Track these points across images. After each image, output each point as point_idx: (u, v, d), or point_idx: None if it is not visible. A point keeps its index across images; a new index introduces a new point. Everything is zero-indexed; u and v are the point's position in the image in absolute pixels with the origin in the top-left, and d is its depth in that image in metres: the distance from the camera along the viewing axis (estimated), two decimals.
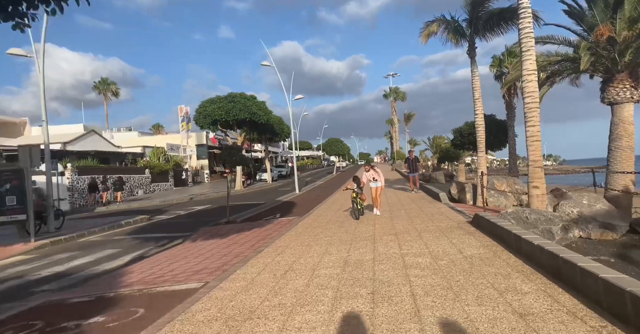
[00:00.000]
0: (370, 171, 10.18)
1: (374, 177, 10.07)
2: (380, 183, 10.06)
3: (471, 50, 11.08)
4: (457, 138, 28.55)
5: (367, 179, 10.07)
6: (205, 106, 26.64)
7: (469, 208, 10.37)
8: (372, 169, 10.25)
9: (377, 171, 10.20)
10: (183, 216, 15.30)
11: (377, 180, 10.07)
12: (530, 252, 4.64)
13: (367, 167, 10.58)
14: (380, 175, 10.14)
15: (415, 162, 15.72)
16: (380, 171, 10.28)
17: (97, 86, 51.97)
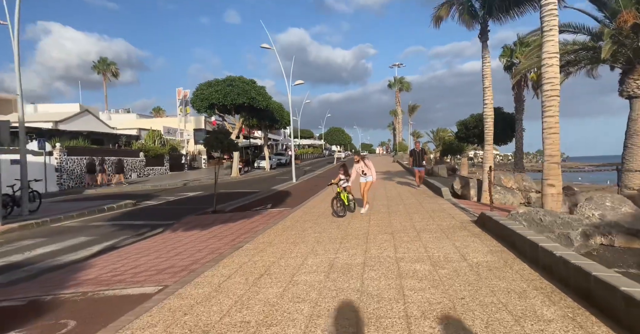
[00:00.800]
0: (360, 163, 8.89)
1: (363, 171, 8.86)
2: (371, 177, 8.86)
3: (483, 34, 10.16)
4: (462, 131, 27.58)
5: (356, 172, 8.89)
6: (202, 89, 25.70)
7: (473, 206, 9.60)
8: (362, 161, 8.92)
9: (367, 164, 8.89)
10: (171, 203, 14.60)
11: (368, 174, 8.88)
12: (550, 264, 3.88)
13: (357, 157, 9.15)
14: (371, 168, 8.86)
15: (421, 155, 13.68)
16: (371, 164, 8.95)
17: (96, 66, 50.91)
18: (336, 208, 8.45)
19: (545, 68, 6.70)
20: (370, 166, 8.88)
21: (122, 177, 22.91)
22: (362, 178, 8.97)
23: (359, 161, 8.93)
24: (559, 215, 5.64)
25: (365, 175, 8.91)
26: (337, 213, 8.41)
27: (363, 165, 8.86)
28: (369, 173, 8.85)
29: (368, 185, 8.95)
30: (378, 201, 10.99)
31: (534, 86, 21.05)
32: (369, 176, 8.87)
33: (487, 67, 10.25)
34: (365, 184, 8.92)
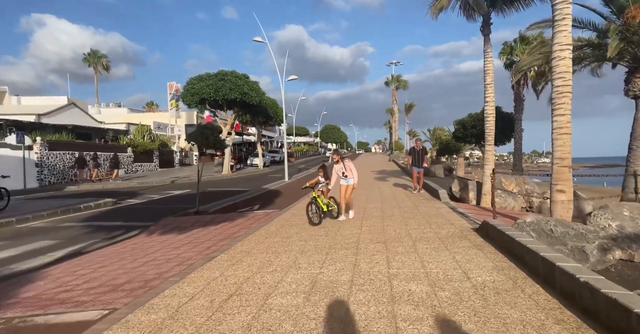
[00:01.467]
0: (339, 163, 7.82)
1: (343, 172, 7.80)
2: (352, 180, 7.79)
3: (485, 27, 9.51)
4: (459, 131, 27.07)
5: (336, 174, 7.82)
6: (193, 83, 24.88)
7: (473, 210, 8.99)
8: (342, 161, 7.81)
9: (347, 165, 7.82)
10: (154, 202, 13.87)
11: (349, 176, 7.80)
12: (571, 290, 3.25)
13: (336, 157, 7.98)
14: (352, 170, 7.79)
15: (422, 154, 12.07)
16: (352, 165, 7.86)
17: (87, 59, 49.71)
18: (311, 215, 7.51)
19: (556, 62, 6.07)
20: (351, 167, 7.80)
21: (117, 173, 22.45)
22: (343, 180, 7.89)
23: (339, 161, 7.85)
24: (572, 225, 5.04)
25: (346, 178, 7.84)
26: (312, 220, 7.45)
27: (342, 166, 7.82)
28: (350, 175, 7.79)
29: (349, 190, 7.84)
30: (372, 203, 10.35)
31: (534, 85, 20.51)
32: (350, 178, 7.79)
33: (489, 63, 9.62)
34: (345, 188, 7.84)
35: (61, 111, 25.81)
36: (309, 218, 7.58)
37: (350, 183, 7.84)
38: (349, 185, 7.86)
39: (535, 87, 20.47)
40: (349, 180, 7.83)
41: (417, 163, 12.12)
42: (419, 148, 12.27)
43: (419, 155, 12.04)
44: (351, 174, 7.78)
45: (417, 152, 12.12)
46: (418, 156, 12.05)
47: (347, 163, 7.84)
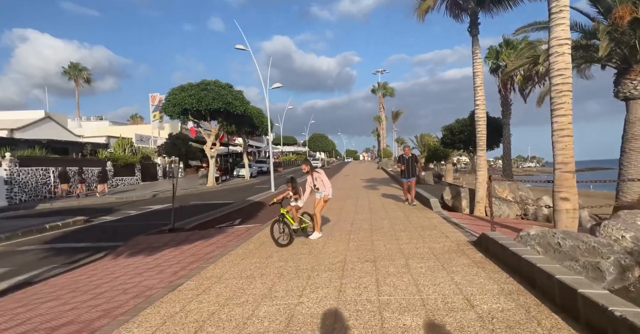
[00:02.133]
0: (310, 175, 6.82)
1: (315, 184, 6.83)
2: (324, 192, 6.79)
3: (473, 27, 9.11)
4: (448, 137, 26.78)
5: (309, 187, 6.82)
6: (174, 94, 24.14)
7: (467, 220, 8.43)
8: (313, 172, 6.83)
9: (318, 176, 6.80)
10: (130, 218, 13.03)
11: (321, 189, 6.81)
12: (603, 325, 2.65)
13: (305, 167, 6.92)
14: (324, 182, 6.79)
15: (412, 163, 10.76)
16: (325, 177, 6.86)
17: (67, 72, 48.53)
18: (277, 235, 6.53)
19: (554, 58, 5.60)
20: (323, 179, 6.79)
21: (105, 187, 21.78)
22: (318, 194, 6.88)
23: (309, 172, 6.83)
24: (582, 237, 4.49)
25: (318, 190, 6.82)
26: (279, 242, 6.47)
27: (312, 178, 6.78)
28: (322, 187, 6.80)
29: (320, 204, 6.80)
30: (360, 214, 9.74)
31: (520, 89, 20.33)
32: (322, 191, 6.80)
33: (477, 64, 9.18)
34: (317, 201, 6.83)
35: (36, 125, 24.76)
36: (274, 240, 6.51)
37: (322, 196, 6.79)
38: (320, 199, 6.84)
39: (522, 91, 20.28)
40: (321, 192, 6.82)
41: (409, 174, 10.77)
42: (408, 155, 10.88)
43: (409, 165, 10.70)
44: (323, 187, 6.79)
45: (407, 161, 10.75)
46: (409, 165, 10.69)
47: (318, 173, 6.80)
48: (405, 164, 10.75)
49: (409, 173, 10.76)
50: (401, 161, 10.96)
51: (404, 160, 10.82)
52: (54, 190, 20.22)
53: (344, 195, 15.59)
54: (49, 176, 19.84)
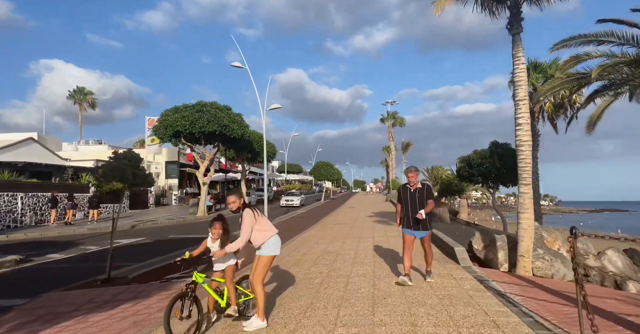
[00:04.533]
0: (249, 212, 4.01)
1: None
2: (264, 249, 4.07)
3: (515, 22, 6.97)
4: (464, 169, 24.27)
5: (248, 227, 3.95)
6: (167, 115, 22.45)
7: (514, 285, 5.85)
8: (251, 209, 4.05)
9: (257, 216, 4.02)
10: (80, 258, 10.66)
11: (257, 240, 4.06)
12: None
13: (235, 200, 4.05)
14: (264, 228, 4.08)
15: (422, 200, 5.73)
16: (265, 219, 4.18)
17: (72, 95, 48.00)
18: (180, 318, 3.70)
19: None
20: (263, 223, 4.08)
21: (96, 213, 19.95)
22: (257, 250, 4.14)
23: (240, 209, 4.05)
24: None
25: (251, 243, 4.12)
26: None
27: (255, 216, 4.01)
28: (259, 237, 4.04)
29: (261, 269, 4.03)
30: (361, 266, 7.23)
31: (550, 118, 18.03)
32: (260, 243, 4.04)
33: (520, 71, 6.97)
34: (255, 265, 4.10)
35: (17, 147, 23.04)
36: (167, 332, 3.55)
37: (261, 253, 4.04)
38: (259, 257, 4.05)
39: (553, 120, 17.98)
40: (262, 248, 4.04)
41: (417, 222, 5.68)
42: (415, 186, 5.79)
43: (416, 202, 5.69)
44: (263, 235, 4.03)
45: (413, 196, 5.75)
46: (415, 203, 5.70)
47: (253, 214, 3.96)
48: (408, 203, 5.73)
49: (417, 221, 5.65)
50: (402, 197, 5.87)
51: (408, 195, 5.78)
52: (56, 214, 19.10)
53: (344, 232, 13.09)
54: (16, 203, 17.73)
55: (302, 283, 6.12)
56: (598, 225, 61.16)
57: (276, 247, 4.13)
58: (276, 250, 4.13)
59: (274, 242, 4.11)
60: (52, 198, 18.94)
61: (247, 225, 3.93)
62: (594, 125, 11.17)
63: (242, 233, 3.93)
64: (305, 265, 7.76)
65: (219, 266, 4.17)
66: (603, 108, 11.11)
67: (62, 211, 20.46)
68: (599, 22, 10.99)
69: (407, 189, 5.88)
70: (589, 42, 11.01)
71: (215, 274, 4.21)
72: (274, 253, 4.11)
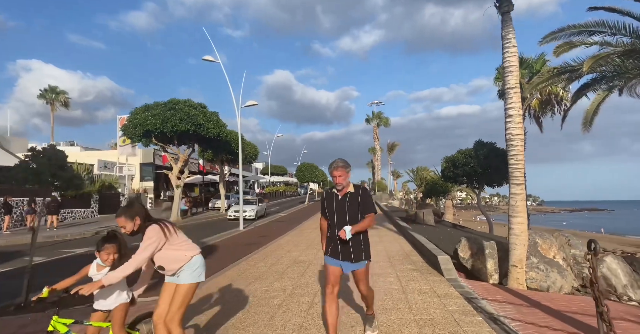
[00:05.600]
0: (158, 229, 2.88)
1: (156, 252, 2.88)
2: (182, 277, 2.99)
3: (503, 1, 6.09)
4: (449, 169, 23.59)
5: (148, 250, 2.81)
6: (137, 113, 21.11)
7: (508, 303, 4.93)
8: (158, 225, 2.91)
9: (149, 235, 2.86)
10: (13, 274, 9.33)
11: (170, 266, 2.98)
12: None
13: (125, 222, 2.87)
14: (139, 251, 2.83)
15: (354, 205, 3.52)
16: (182, 235, 3.10)
17: (43, 95, 45.80)
18: None
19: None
20: (180, 240, 3.01)
21: (55, 219, 18.33)
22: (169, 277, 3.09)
23: (138, 231, 2.92)
24: None
25: (163, 269, 2.99)
26: None
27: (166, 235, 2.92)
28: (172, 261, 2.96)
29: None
30: None
31: (536, 115, 17.43)
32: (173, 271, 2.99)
33: (511, 55, 6.13)
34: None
35: None
36: None
37: (180, 281, 2.97)
38: (177, 288, 2.98)
39: (538, 118, 17.38)
40: (177, 275, 3.00)
41: (344, 246, 3.52)
42: (343, 189, 3.57)
43: (345, 212, 3.54)
44: (177, 257, 2.97)
45: (341, 203, 3.57)
46: (343, 214, 3.55)
47: (149, 231, 2.86)
48: (334, 216, 3.60)
49: (344, 246, 3.52)
50: (326, 207, 3.68)
51: (334, 205, 3.60)
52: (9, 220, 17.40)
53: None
54: None
55: (257, 305, 5.10)
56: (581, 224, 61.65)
57: (200, 271, 3.10)
58: (200, 276, 3.09)
59: (197, 265, 3.06)
60: (4, 203, 17.45)
61: (148, 245, 2.80)
62: (591, 121, 10.47)
63: (136, 255, 2.80)
64: (269, 279, 6.74)
65: (103, 305, 2.98)
66: (598, 103, 10.42)
67: (20, 218, 18.95)
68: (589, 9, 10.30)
69: (332, 196, 3.60)
70: (579, 33, 10.30)
71: (94, 316, 2.99)
72: (198, 280, 3.06)
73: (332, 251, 3.60)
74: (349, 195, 3.56)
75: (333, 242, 3.60)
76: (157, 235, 2.85)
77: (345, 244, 3.49)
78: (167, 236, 2.91)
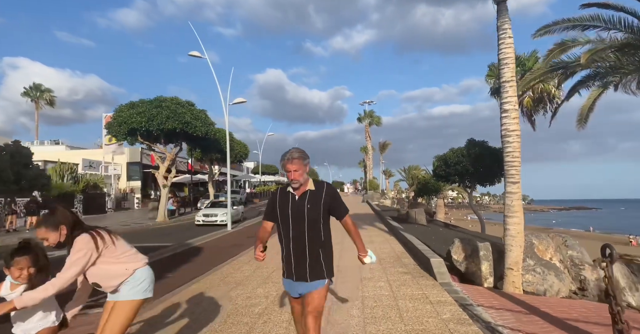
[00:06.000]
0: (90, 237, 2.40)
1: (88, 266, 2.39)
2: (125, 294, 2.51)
3: None
4: (441, 168, 23.38)
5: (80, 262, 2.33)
6: (121, 110, 20.52)
7: (506, 310, 4.61)
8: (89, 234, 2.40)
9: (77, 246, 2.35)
10: None
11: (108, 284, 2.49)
12: None
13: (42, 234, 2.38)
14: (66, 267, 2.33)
15: (315, 207, 2.69)
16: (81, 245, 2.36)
17: (27, 92, 44.68)
18: None
19: None
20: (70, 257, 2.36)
21: (35, 220, 17.55)
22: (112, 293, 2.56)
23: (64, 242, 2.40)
24: None
25: (101, 287, 2.51)
26: None
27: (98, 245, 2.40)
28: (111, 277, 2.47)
29: None
30: None
31: (528, 114, 17.24)
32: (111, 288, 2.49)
33: (507, 46, 5.81)
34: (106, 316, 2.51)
35: None
36: None
37: (119, 297, 2.49)
38: (115, 305, 2.49)
39: (531, 116, 17.18)
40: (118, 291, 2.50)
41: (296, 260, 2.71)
42: (301, 187, 2.71)
43: (303, 217, 2.68)
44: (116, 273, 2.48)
45: (298, 204, 2.70)
46: (300, 220, 2.68)
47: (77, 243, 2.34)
48: (288, 221, 2.72)
49: (300, 261, 2.71)
50: (279, 208, 2.76)
51: (289, 206, 2.72)
52: None
53: None
54: None
55: (236, 314, 4.70)
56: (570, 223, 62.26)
57: (146, 286, 2.56)
58: (146, 291, 2.56)
59: (142, 279, 2.54)
60: None
61: (77, 259, 2.31)
62: (587, 118, 10.24)
63: (61, 273, 2.31)
64: (253, 283, 6.36)
65: (22, 329, 2.43)
66: (594, 99, 10.20)
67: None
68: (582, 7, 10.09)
69: (287, 195, 2.75)
70: (573, 27, 10.06)
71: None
72: (142, 297, 2.54)
73: (287, 270, 2.78)
74: (309, 195, 2.71)
75: (286, 259, 2.77)
76: (88, 246, 2.34)
77: (304, 260, 2.69)
78: (101, 248, 2.41)
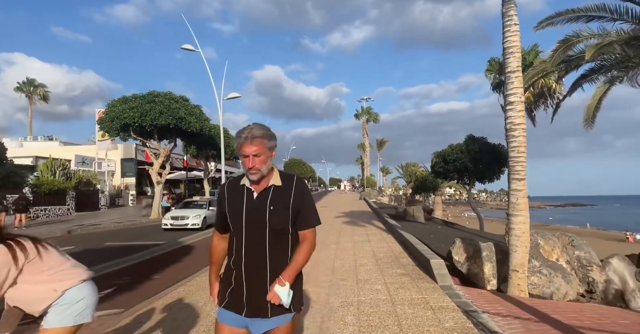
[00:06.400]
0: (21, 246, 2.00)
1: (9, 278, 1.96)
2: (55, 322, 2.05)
3: None
4: (439, 164, 23.05)
5: None
6: (114, 106, 20.08)
7: (513, 316, 4.27)
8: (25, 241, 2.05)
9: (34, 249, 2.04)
10: None
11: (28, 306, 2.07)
12: None
13: None
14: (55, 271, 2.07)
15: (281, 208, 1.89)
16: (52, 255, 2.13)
17: (20, 88, 44.05)
18: None
19: None
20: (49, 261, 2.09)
21: (24, 218, 17.39)
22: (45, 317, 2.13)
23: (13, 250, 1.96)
24: None
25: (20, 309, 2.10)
26: None
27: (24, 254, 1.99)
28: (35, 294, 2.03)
29: None
30: (310, 288, 5.50)
31: (528, 109, 16.92)
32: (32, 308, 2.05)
33: (513, 34, 5.46)
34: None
35: None
36: None
37: (44, 325, 2.02)
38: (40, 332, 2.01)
39: (531, 111, 16.87)
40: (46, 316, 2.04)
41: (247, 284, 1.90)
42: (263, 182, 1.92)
43: (265, 223, 1.88)
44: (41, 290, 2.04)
45: (257, 204, 1.90)
46: (260, 227, 1.89)
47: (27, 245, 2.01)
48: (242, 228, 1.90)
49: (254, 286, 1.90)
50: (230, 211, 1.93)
51: (244, 207, 1.90)
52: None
53: None
54: None
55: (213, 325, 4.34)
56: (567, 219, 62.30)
57: (79, 309, 2.07)
58: (79, 315, 2.07)
59: (73, 302, 2.06)
60: None
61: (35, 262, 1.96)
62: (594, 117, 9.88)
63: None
64: None
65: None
66: (600, 97, 9.85)
67: None
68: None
69: (241, 191, 1.95)
70: (577, 19, 9.70)
71: None
72: (73, 323, 2.05)
73: (231, 298, 1.93)
74: (273, 192, 1.91)
75: (235, 282, 1.92)
76: (2, 260, 1.88)
77: (257, 285, 1.89)
78: (21, 263, 1.94)
